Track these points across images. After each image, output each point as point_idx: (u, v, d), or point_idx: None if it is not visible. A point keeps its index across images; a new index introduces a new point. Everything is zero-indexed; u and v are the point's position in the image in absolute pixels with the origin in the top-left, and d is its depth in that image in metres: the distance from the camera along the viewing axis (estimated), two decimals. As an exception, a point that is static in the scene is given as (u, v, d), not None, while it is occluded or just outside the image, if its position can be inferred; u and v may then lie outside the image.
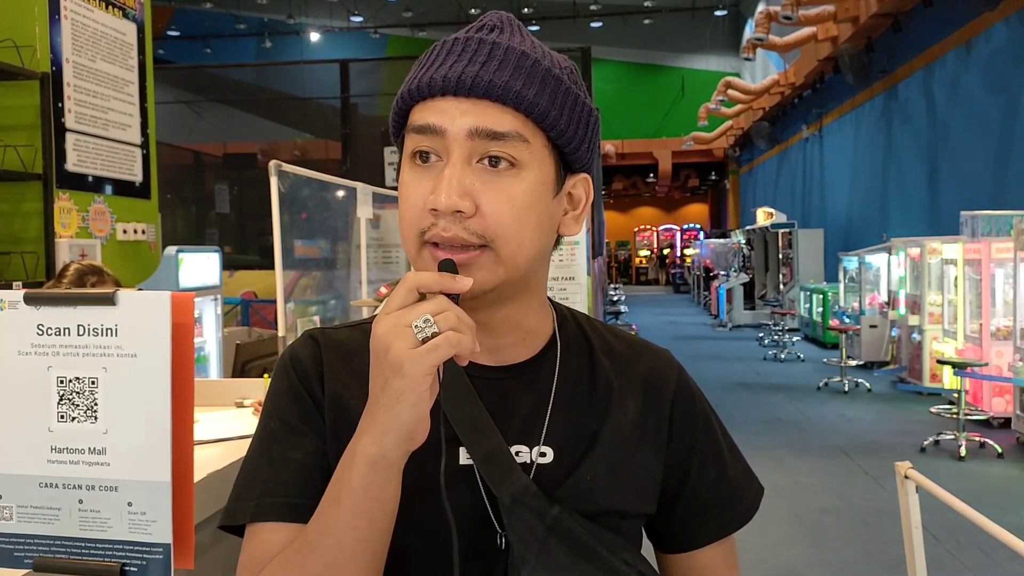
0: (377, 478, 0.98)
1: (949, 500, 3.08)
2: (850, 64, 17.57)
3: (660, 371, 1.29)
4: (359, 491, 0.98)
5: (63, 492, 1.09)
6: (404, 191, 1.08)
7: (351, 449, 1.00)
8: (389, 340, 0.94)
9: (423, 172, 1.06)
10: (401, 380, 0.94)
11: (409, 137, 1.09)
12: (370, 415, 0.99)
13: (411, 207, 1.07)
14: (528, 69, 1.07)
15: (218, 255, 7.25)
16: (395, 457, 0.98)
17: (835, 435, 9.38)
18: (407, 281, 0.98)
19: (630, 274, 44.69)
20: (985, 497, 6.95)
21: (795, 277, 20.26)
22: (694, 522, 1.27)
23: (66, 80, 5.93)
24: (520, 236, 1.06)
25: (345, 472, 1.00)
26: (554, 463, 1.15)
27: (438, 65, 1.07)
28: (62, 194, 5.86)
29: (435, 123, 1.05)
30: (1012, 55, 11.91)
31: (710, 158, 37.10)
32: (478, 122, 1.04)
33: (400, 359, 0.93)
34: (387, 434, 0.97)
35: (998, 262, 9.71)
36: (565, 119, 1.10)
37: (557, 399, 1.18)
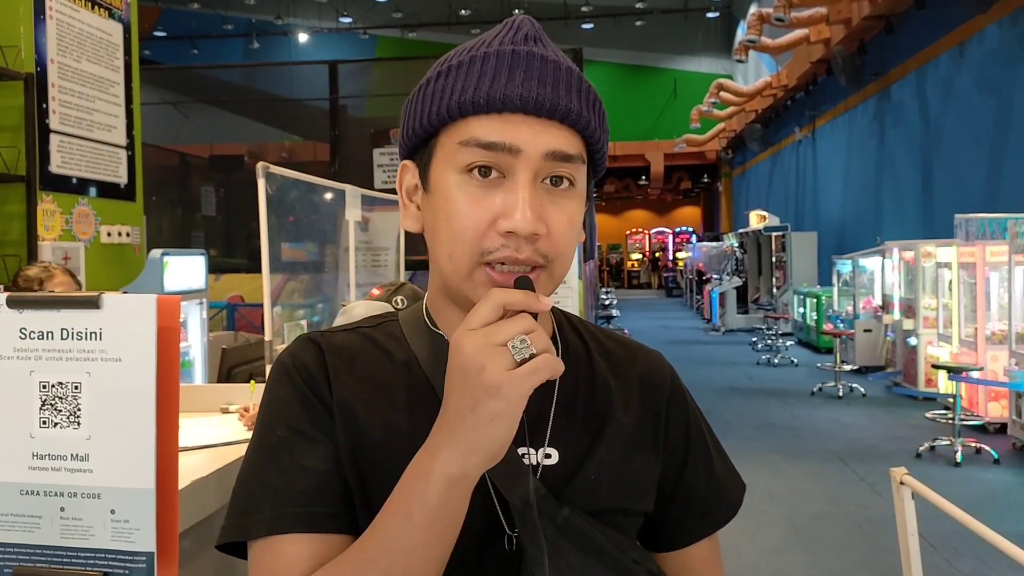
0: (454, 497, 0.96)
1: (945, 507, 3.07)
2: (843, 66, 17.58)
3: (655, 372, 1.31)
4: (435, 510, 0.95)
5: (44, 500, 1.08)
6: (457, 208, 1.05)
7: (425, 465, 0.96)
8: (483, 360, 0.91)
9: (483, 189, 1.04)
10: (498, 402, 0.91)
11: (465, 150, 1.05)
12: (450, 432, 0.95)
13: (473, 226, 1.04)
14: (584, 91, 1.08)
15: (204, 258, 7.20)
16: (474, 476, 0.96)
17: (830, 440, 9.32)
18: (494, 298, 0.95)
19: (622, 278, 44.74)
20: (981, 503, 6.92)
21: (788, 281, 20.23)
22: (688, 519, 1.28)
23: (50, 81, 5.86)
24: (569, 255, 1.09)
25: (418, 488, 0.96)
26: (559, 464, 1.15)
27: (504, 80, 1.04)
28: (45, 196, 5.78)
29: (509, 142, 1.03)
30: (1005, 57, 11.90)
31: (702, 160, 37.19)
32: (554, 144, 1.04)
33: (498, 381, 0.91)
34: (473, 454, 0.94)
35: (992, 265, 9.68)
36: (605, 138, 1.13)
37: (560, 401, 1.18)
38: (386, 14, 34.28)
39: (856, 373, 13.40)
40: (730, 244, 26.58)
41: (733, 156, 34.84)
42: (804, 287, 18.58)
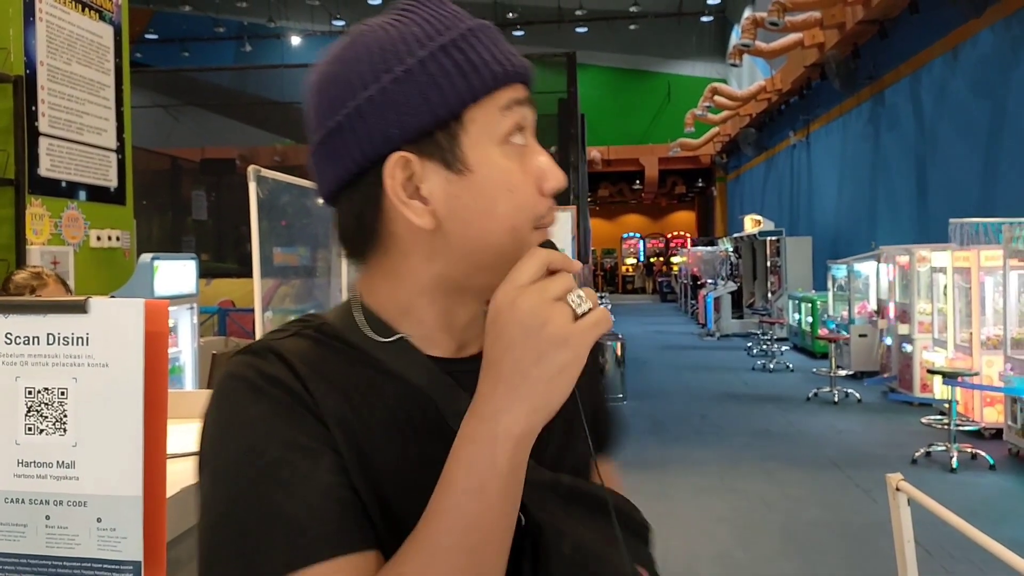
0: (522, 457, 0.93)
1: (941, 513, 3.06)
2: (837, 70, 17.58)
3: None
4: (506, 475, 0.92)
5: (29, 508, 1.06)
6: (517, 178, 1.04)
7: (486, 431, 0.92)
8: (545, 314, 0.90)
9: (522, 154, 1.05)
10: (566, 354, 0.90)
11: (509, 113, 1.04)
12: (511, 391, 0.91)
13: (532, 191, 1.05)
14: None
15: (194, 263, 7.16)
16: (535, 434, 0.93)
17: (825, 447, 9.30)
18: (538, 256, 0.95)
19: (616, 282, 44.72)
20: (978, 509, 6.89)
21: (783, 285, 20.23)
22: None
23: (40, 83, 5.82)
24: None
25: (485, 457, 0.91)
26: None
27: (507, 50, 1.07)
28: (34, 200, 5.74)
29: (528, 96, 1.07)
30: (999, 62, 11.89)
31: (697, 164, 37.20)
32: None
33: (565, 332, 0.90)
34: (537, 411, 0.92)
35: (987, 270, 9.66)
36: None
37: None
38: (380, 18, 34.25)
39: (852, 378, 13.38)
40: (725, 249, 26.59)
41: (728, 160, 34.87)
42: (799, 292, 18.58)
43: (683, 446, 9.44)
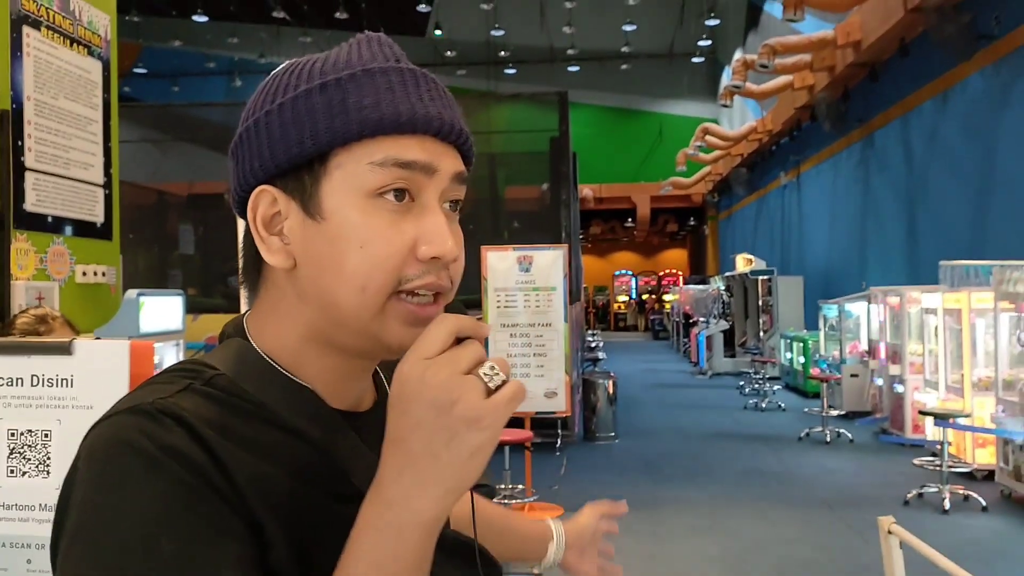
0: (430, 544, 0.87)
1: (933, 556, 3.05)
2: (827, 112, 17.71)
3: None
4: (414, 566, 0.86)
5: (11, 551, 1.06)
6: (377, 234, 0.95)
7: (393, 519, 0.85)
8: (456, 392, 0.84)
9: (398, 213, 0.96)
10: (480, 435, 0.84)
11: (378, 170, 0.95)
12: (420, 474, 0.85)
13: (396, 252, 0.94)
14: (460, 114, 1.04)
15: (181, 298, 7.11)
16: (446, 516, 0.89)
17: (817, 487, 9.24)
18: (445, 323, 0.89)
19: (608, 320, 44.75)
20: (970, 551, 6.85)
21: (775, 325, 20.22)
22: None
23: (27, 118, 5.78)
24: None
25: (390, 548, 0.85)
26: None
27: (416, 99, 0.97)
28: (19, 235, 5.68)
29: (427, 161, 0.96)
30: (989, 105, 11.98)
31: (689, 203, 37.39)
32: (459, 166, 1.01)
33: (479, 411, 0.83)
34: (450, 493, 0.86)
35: (978, 312, 9.66)
36: None
37: None
38: (372, 55, 34.46)
39: (843, 418, 13.34)
40: (717, 287, 26.63)
41: (719, 199, 35.05)
42: (791, 331, 18.59)
43: (675, 485, 9.38)
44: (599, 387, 12.37)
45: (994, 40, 11.55)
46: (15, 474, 1.05)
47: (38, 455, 1.05)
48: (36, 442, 1.05)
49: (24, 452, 1.04)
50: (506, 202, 15.13)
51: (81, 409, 1.05)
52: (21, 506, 1.04)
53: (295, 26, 32.33)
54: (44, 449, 1.05)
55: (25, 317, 3.72)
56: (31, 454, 1.05)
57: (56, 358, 1.05)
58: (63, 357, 1.05)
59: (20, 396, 1.05)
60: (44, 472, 1.05)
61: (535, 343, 9.64)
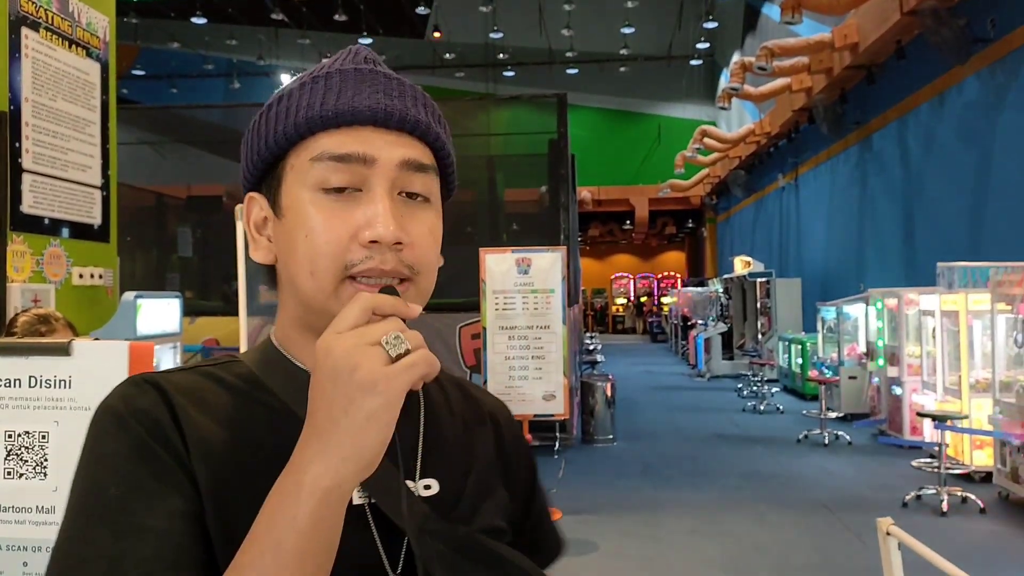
0: (328, 513, 0.88)
1: (932, 557, 3.05)
2: (824, 115, 17.71)
3: (504, 415, 1.33)
4: (307, 531, 0.86)
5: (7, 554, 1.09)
6: (316, 225, 1.02)
7: (291, 483, 0.88)
8: (356, 358, 0.87)
9: (340, 203, 1.02)
10: (375, 400, 0.86)
11: (317, 166, 1.03)
12: (320, 441, 0.88)
13: (335, 239, 1.01)
14: (431, 107, 1.11)
15: (179, 301, 7.09)
16: (349, 488, 0.89)
17: (816, 489, 9.24)
18: (361, 301, 0.93)
19: (607, 322, 44.69)
20: (968, 554, 6.84)
21: (773, 327, 20.21)
22: (532, 553, 1.22)
23: (24, 120, 5.78)
24: (433, 268, 1.09)
25: (287, 511, 0.87)
26: (441, 493, 1.13)
27: (352, 94, 1.05)
28: (16, 237, 5.67)
29: (364, 152, 1.02)
30: (984, 108, 11.99)
31: (687, 206, 37.33)
32: (408, 154, 1.05)
33: (374, 377, 0.86)
34: (347, 461, 0.87)
35: (975, 313, 9.65)
36: (452, 157, 1.15)
37: (428, 431, 1.17)
38: (370, 57, 34.41)
39: (842, 420, 13.34)
40: (715, 290, 26.62)
41: (717, 202, 35.01)
42: (789, 333, 18.58)
43: (674, 488, 9.37)
44: (597, 389, 12.35)
45: (989, 43, 11.56)
46: (12, 476, 1.06)
47: (35, 457, 1.06)
48: (33, 444, 1.07)
49: (21, 454, 1.06)
50: (505, 204, 15.11)
51: (79, 410, 1.07)
52: (18, 508, 1.05)
53: (294, 28, 32.37)
54: (41, 451, 1.07)
55: (27, 316, 3.72)
56: (28, 456, 1.06)
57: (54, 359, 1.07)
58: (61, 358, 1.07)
59: (18, 397, 1.07)
60: (41, 474, 1.06)
61: (533, 345, 9.65)
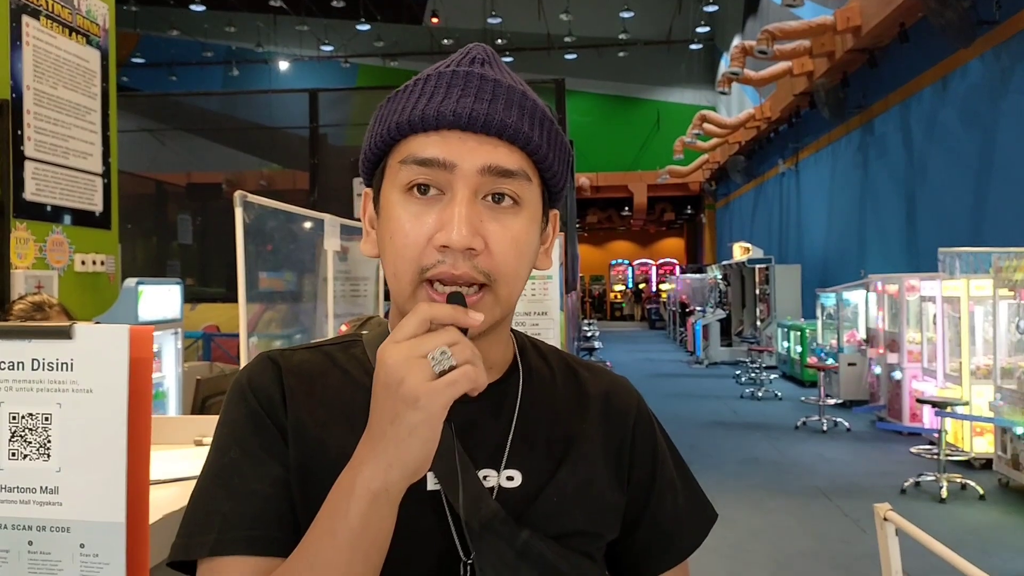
0: (377, 513, 0.96)
1: (930, 543, 3.04)
2: (826, 99, 17.64)
3: (621, 398, 1.31)
4: (356, 526, 0.95)
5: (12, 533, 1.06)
6: (399, 226, 1.07)
7: (348, 480, 0.97)
8: (403, 371, 0.92)
9: (422, 206, 1.06)
10: (416, 414, 0.92)
11: (403, 169, 1.08)
12: (372, 446, 0.96)
13: (412, 243, 1.06)
14: (529, 109, 1.09)
15: (179, 287, 7.12)
16: (397, 491, 0.96)
17: (814, 476, 9.25)
18: (420, 312, 0.97)
19: (604, 309, 44.69)
20: (967, 541, 6.87)
21: (772, 313, 20.21)
22: (652, 549, 1.29)
23: (26, 107, 5.78)
24: (517, 276, 1.09)
25: (341, 505, 0.96)
26: (521, 487, 1.15)
27: (441, 98, 1.07)
28: (19, 224, 5.68)
29: (444, 157, 1.05)
30: (988, 91, 11.95)
31: (686, 192, 37.28)
32: (490, 159, 1.05)
33: (416, 392, 0.91)
34: (392, 468, 0.94)
35: (977, 300, 9.64)
36: (558, 160, 1.13)
37: (520, 423, 1.19)
38: (367, 43, 34.39)
39: (840, 407, 13.35)
40: (714, 276, 26.60)
41: (716, 188, 34.96)
42: (788, 320, 18.57)
43: (672, 475, 9.35)
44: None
45: (995, 25, 11.50)
46: (16, 457, 1.05)
47: (39, 438, 1.05)
48: (37, 425, 1.05)
49: (25, 435, 1.05)
50: (502, 190, 15.03)
51: (81, 393, 1.05)
52: (22, 488, 1.05)
53: (292, 15, 32.29)
54: (44, 432, 1.05)
55: (22, 304, 3.73)
56: (32, 437, 1.05)
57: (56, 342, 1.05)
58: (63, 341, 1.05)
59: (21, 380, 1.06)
60: (45, 455, 1.05)
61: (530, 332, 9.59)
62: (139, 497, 1.09)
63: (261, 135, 14.14)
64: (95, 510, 1.06)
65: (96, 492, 1.06)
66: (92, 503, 1.06)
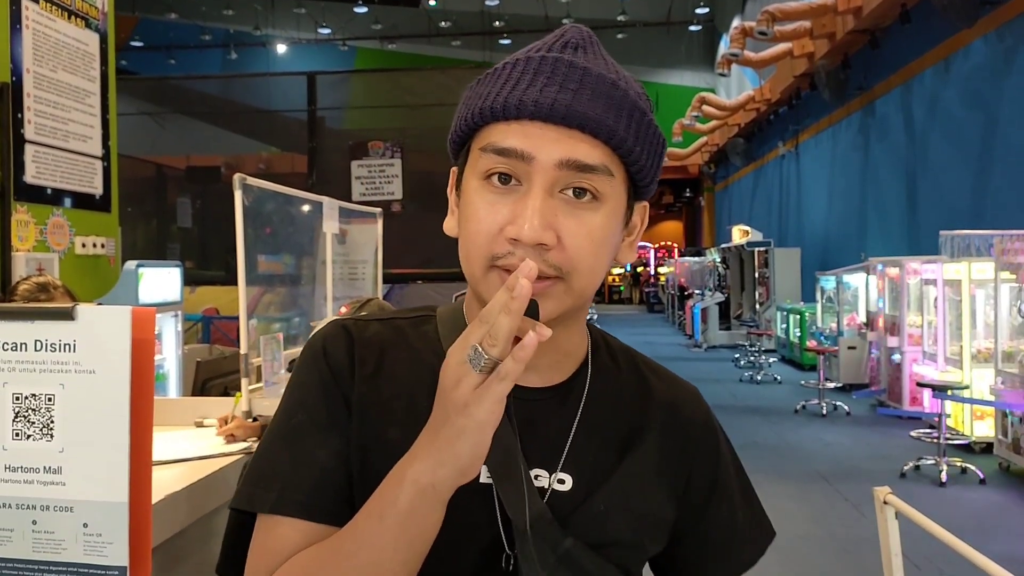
0: (423, 506, 0.97)
1: (930, 527, 3.01)
2: (826, 80, 17.59)
3: (687, 410, 1.30)
4: (403, 515, 0.97)
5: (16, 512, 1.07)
6: (474, 212, 1.07)
7: (401, 470, 0.98)
8: (458, 374, 0.92)
9: (499, 195, 1.05)
10: (463, 420, 0.92)
11: (482, 156, 1.07)
12: (428, 442, 0.97)
13: (485, 231, 1.05)
14: (618, 101, 1.06)
15: (179, 270, 7.12)
16: (445, 489, 0.97)
17: (813, 460, 9.26)
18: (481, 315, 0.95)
19: (603, 292, 44.63)
20: (967, 524, 6.86)
21: (771, 297, 20.19)
22: (700, 564, 1.27)
23: (26, 90, 5.78)
24: (592, 270, 1.07)
25: (391, 492, 0.98)
26: (572, 490, 1.15)
27: (525, 86, 1.05)
28: (20, 207, 5.69)
29: (523, 148, 1.03)
30: (991, 72, 11.91)
31: (685, 175, 37.26)
32: (569, 153, 1.03)
33: (465, 400, 0.91)
34: (442, 466, 0.95)
35: (978, 283, 9.62)
36: (646, 153, 1.10)
37: (581, 426, 1.18)
38: (365, 26, 34.28)
39: (840, 391, 13.35)
40: (712, 259, 26.57)
41: (716, 170, 34.91)
42: (787, 303, 18.55)
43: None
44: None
45: (998, 5, 11.45)
46: (20, 437, 1.06)
47: (42, 419, 1.06)
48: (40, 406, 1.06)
49: (28, 416, 1.06)
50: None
51: (84, 374, 1.05)
52: (26, 468, 1.06)
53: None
54: (48, 413, 1.06)
55: (27, 284, 3.74)
56: (35, 418, 1.06)
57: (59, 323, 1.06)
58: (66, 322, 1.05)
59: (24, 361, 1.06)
60: (48, 436, 1.06)
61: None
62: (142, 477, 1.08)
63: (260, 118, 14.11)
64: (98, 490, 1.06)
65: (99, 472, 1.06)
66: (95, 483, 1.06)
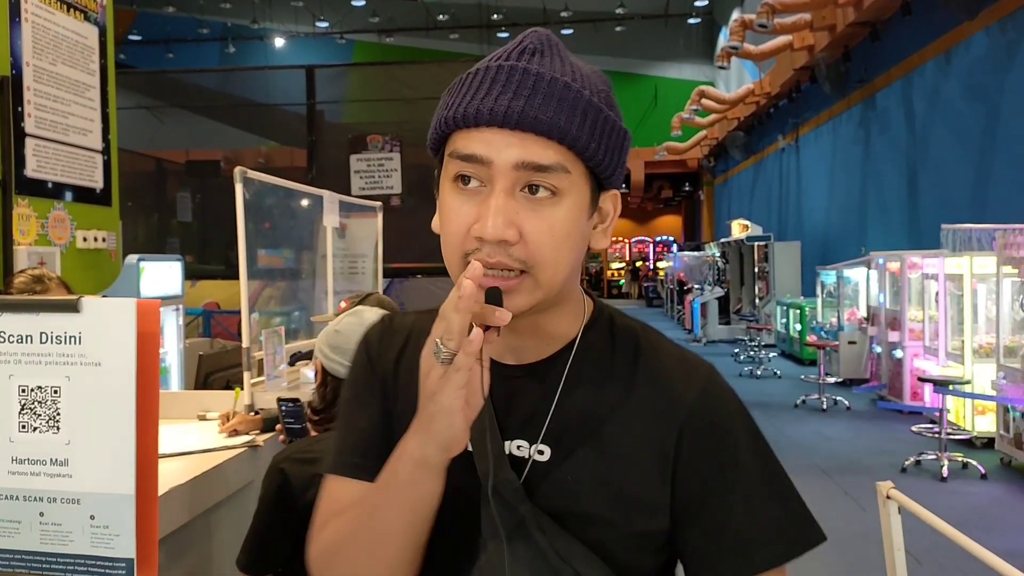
0: (419, 476, 1.12)
1: (932, 521, 3.01)
2: (827, 73, 17.53)
3: (677, 388, 1.24)
4: (403, 484, 1.13)
5: (23, 504, 1.08)
6: (447, 214, 1.16)
7: (402, 445, 1.13)
8: (428, 366, 1.07)
9: (466, 196, 1.14)
10: (434, 406, 1.07)
11: (451, 162, 1.16)
12: (417, 422, 1.11)
13: (455, 231, 1.14)
14: (571, 101, 1.12)
15: (180, 264, 7.11)
16: (435, 462, 1.11)
17: (814, 454, 9.26)
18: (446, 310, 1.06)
19: (602, 287, 44.55)
20: (968, 519, 6.87)
21: (771, 291, 20.16)
22: (708, 555, 1.22)
23: (26, 84, 5.78)
24: (557, 262, 1.14)
25: (393, 464, 1.14)
26: (549, 461, 1.20)
27: (483, 95, 1.12)
28: (21, 200, 5.69)
29: (480, 154, 1.11)
30: (993, 65, 11.87)
31: (684, 169, 37.14)
32: (523, 155, 1.10)
33: (434, 388, 1.06)
34: (427, 444, 1.09)
35: (980, 277, 9.59)
36: (603, 148, 1.16)
37: (561, 400, 1.22)
38: (363, 19, 34.22)
39: (840, 386, 13.33)
40: (712, 254, 26.54)
41: (715, 164, 34.82)
42: (787, 298, 18.53)
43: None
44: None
45: (1000, -2, 11.41)
46: (26, 429, 1.06)
47: (48, 411, 1.06)
48: (46, 398, 1.06)
49: (35, 408, 1.06)
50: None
51: (89, 366, 1.06)
52: (33, 460, 1.07)
53: (287, -10, 32.14)
54: (54, 405, 1.06)
55: (22, 277, 3.75)
56: (41, 410, 1.06)
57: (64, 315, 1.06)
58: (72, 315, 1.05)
59: (30, 353, 1.06)
60: (54, 428, 1.06)
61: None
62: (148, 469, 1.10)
63: (259, 112, 14.09)
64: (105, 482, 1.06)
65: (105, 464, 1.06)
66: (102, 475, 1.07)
